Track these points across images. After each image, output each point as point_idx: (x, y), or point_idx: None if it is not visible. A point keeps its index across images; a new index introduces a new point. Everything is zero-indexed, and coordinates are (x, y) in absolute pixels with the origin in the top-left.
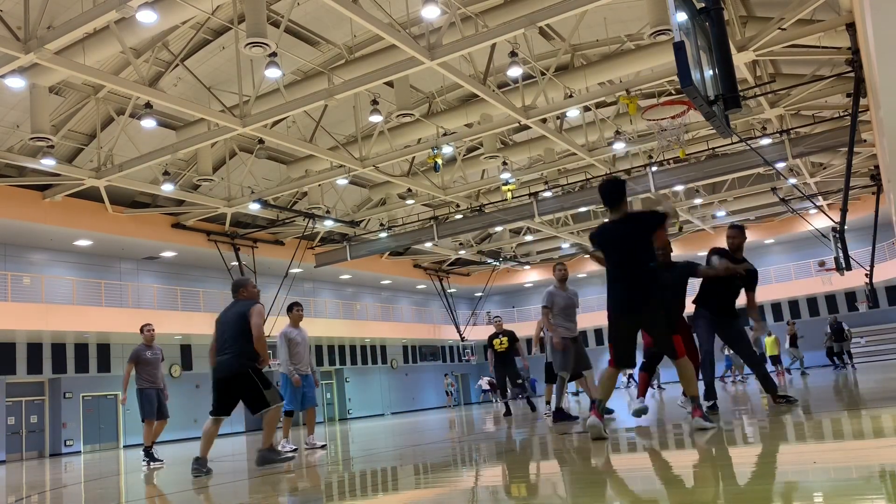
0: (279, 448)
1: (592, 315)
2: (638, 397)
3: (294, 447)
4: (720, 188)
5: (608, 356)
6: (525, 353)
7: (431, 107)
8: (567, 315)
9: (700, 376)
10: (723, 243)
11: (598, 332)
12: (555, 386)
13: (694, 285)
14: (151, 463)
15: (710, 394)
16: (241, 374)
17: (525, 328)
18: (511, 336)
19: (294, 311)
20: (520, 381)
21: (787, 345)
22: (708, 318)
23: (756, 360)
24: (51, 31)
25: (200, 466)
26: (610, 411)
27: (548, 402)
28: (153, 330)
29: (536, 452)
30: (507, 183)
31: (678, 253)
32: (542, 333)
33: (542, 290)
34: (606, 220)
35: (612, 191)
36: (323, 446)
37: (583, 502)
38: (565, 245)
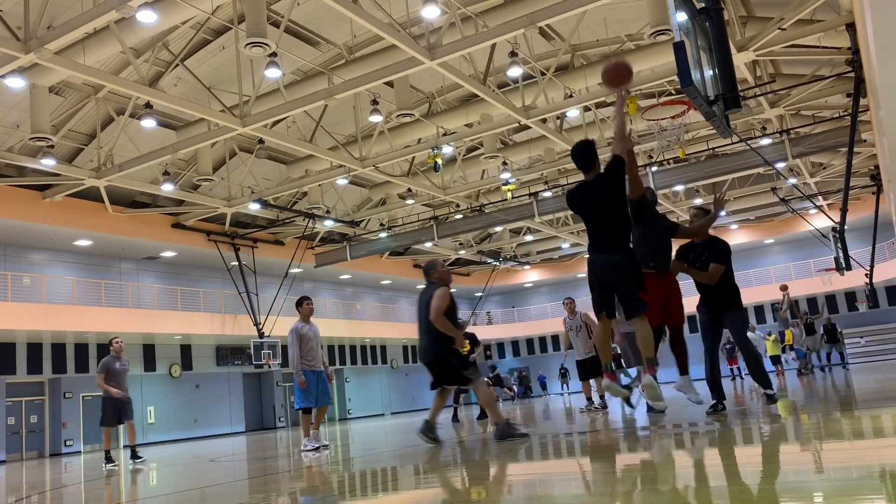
0: (435, 427)
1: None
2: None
3: (316, 445)
4: (720, 188)
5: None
6: (483, 358)
7: (431, 107)
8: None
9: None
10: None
11: None
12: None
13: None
14: (109, 465)
15: (716, 393)
16: (439, 361)
17: (525, 328)
18: (472, 339)
19: (304, 305)
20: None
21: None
22: (706, 314)
23: (754, 355)
24: (51, 31)
25: (427, 430)
26: (632, 406)
27: (588, 399)
28: (121, 342)
29: (535, 453)
30: (507, 183)
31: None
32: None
33: (542, 291)
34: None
35: (585, 154)
36: (325, 446)
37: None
38: (565, 245)
